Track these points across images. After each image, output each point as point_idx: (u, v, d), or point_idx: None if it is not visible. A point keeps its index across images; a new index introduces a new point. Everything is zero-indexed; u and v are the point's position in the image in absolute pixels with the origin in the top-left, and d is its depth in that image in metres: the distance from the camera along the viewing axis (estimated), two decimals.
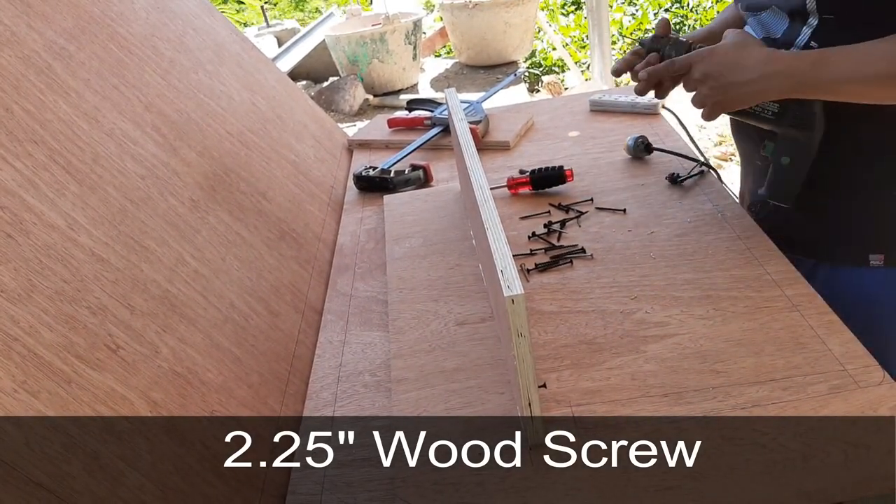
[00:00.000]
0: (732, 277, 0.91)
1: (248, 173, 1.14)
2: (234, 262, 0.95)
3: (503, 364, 0.84)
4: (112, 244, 0.77)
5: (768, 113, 0.92)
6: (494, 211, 0.76)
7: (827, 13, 0.86)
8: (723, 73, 0.86)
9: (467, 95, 3.03)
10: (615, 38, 5.11)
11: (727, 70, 0.86)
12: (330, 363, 0.93)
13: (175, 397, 0.71)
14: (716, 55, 0.87)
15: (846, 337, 0.78)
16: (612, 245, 1.03)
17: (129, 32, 1.07)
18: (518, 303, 0.61)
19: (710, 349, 0.80)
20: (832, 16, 0.86)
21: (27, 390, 0.57)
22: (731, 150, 3.42)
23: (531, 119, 1.54)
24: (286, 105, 1.47)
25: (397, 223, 1.21)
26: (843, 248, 0.98)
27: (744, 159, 1.14)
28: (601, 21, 3.84)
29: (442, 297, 0.99)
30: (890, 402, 0.69)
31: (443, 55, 5.32)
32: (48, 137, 0.77)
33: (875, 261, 0.97)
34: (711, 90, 0.87)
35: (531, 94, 4.48)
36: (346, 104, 4.10)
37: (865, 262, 0.97)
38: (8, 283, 0.62)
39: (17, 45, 0.82)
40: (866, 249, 0.97)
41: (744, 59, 0.85)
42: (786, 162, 0.94)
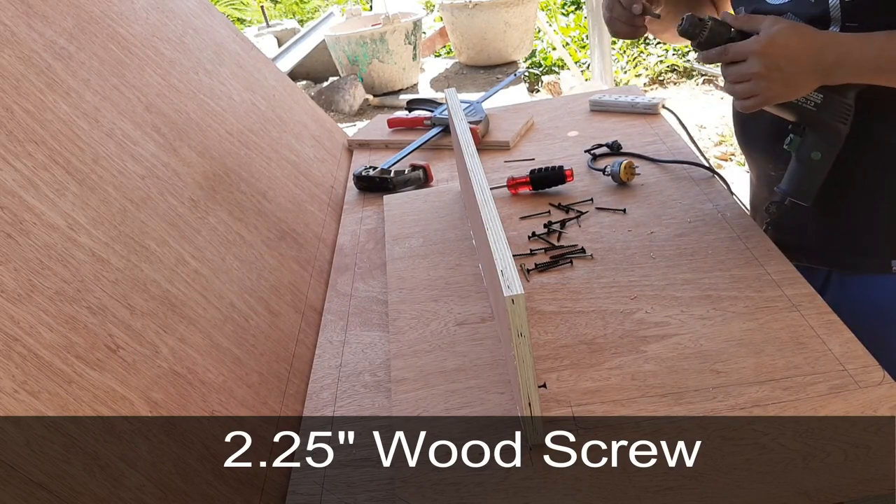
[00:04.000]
0: (732, 277, 0.91)
1: (248, 173, 1.14)
2: (234, 262, 0.95)
3: (503, 364, 0.84)
4: (112, 244, 0.77)
5: (811, 104, 0.87)
6: (494, 211, 0.76)
7: (851, 21, 0.85)
8: (782, 66, 0.81)
9: (467, 95, 3.03)
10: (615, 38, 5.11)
11: (788, 63, 0.81)
12: (330, 363, 0.93)
13: (175, 397, 0.71)
14: (775, 46, 0.81)
15: (846, 337, 0.78)
16: (612, 245, 1.03)
17: (129, 32, 1.07)
18: (518, 303, 0.61)
19: (710, 349, 0.80)
20: (856, 24, 0.85)
21: (27, 390, 0.57)
22: (731, 150, 3.43)
23: (531, 119, 1.54)
24: (286, 105, 1.47)
25: (397, 223, 1.21)
26: (864, 254, 0.97)
27: (756, 169, 1.11)
28: (601, 21, 3.83)
29: (442, 297, 0.99)
30: (890, 402, 0.69)
31: (443, 55, 5.32)
32: (48, 137, 0.77)
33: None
34: (770, 83, 0.83)
35: (531, 94, 4.48)
36: (346, 104, 4.10)
37: (888, 268, 0.95)
38: (8, 283, 0.62)
39: (17, 45, 0.82)
40: (889, 256, 0.95)
41: (804, 50, 0.81)
42: (817, 157, 0.90)
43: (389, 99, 4.24)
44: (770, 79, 0.82)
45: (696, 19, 0.88)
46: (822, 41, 0.82)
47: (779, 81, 0.83)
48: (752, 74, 0.83)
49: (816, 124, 0.89)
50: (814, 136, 0.90)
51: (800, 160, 0.92)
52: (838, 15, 0.85)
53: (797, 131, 0.91)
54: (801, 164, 0.92)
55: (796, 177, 0.93)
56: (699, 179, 1.16)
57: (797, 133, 0.91)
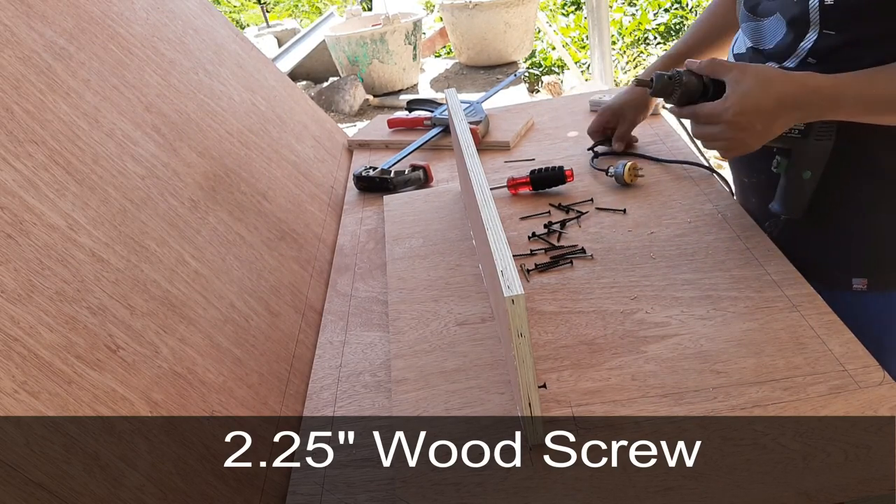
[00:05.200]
0: (732, 277, 0.91)
1: (249, 174, 1.14)
2: (234, 263, 0.95)
3: (503, 364, 0.84)
4: (112, 244, 0.77)
5: (794, 132, 0.88)
6: (494, 211, 0.76)
7: (829, 29, 0.84)
8: (754, 124, 0.81)
9: (467, 96, 3.03)
10: (615, 38, 5.12)
11: (760, 120, 0.81)
12: (330, 363, 0.93)
13: (175, 397, 0.71)
14: (745, 111, 0.80)
15: (846, 337, 0.78)
16: (612, 245, 1.03)
17: (129, 33, 1.07)
18: (518, 303, 0.61)
19: (711, 349, 0.80)
20: (833, 32, 0.84)
21: (27, 391, 0.57)
22: None
23: (531, 119, 1.54)
24: (286, 105, 1.47)
25: (397, 223, 1.21)
26: (827, 269, 0.96)
27: (733, 175, 1.12)
28: (601, 21, 3.84)
29: (442, 297, 0.99)
30: (890, 402, 0.69)
31: (443, 55, 5.32)
32: (48, 138, 0.77)
33: (858, 285, 0.95)
34: (744, 139, 0.83)
35: (531, 94, 4.48)
36: (346, 104, 4.10)
37: (848, 286, 0.96)
38: (8, 283, 0.62)
39: (17, 45, 0.82)
40: (850, 273, 0.95)
41: (775, 106, 0.81)
42: (807, 176, 0.90)
43: (389, 99, 4.24)
44: (743, 136, 0.82)
45: (666, 77, 0.86)
46: (794, 90, 0.81)
47: (753, 135, 0.82)
48: (725, 139, 0.83)
49: (803, 147, 0.90)
50: (801, 158, 0.90)
51: (789, 179, 0.93)
52: (817, 19, 0.85)
53: (783, 154, 0.92)
54: (792, 184, 0.93)
55: (789, 197, 0.94)
56: (699, 179, 1.16)
57: (783, 155, 0.92)
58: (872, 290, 0.95)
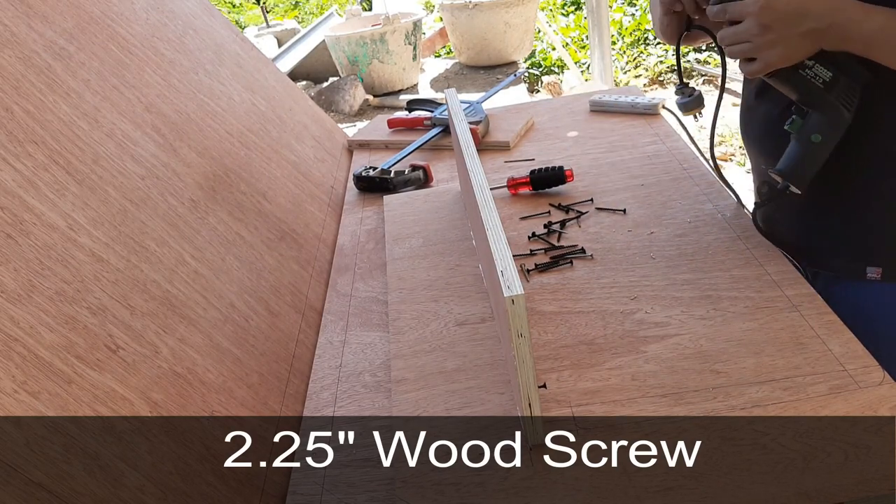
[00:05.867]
0: (732, 277, 0.91)
1: (248, 174, 1.14)
2: (234, 263, 0.95)
3: (503, 364, 0.84)
4: (112, 244, 0.77)
5: (819, 80, 0.85)
6: (494, 211, 0.76)
7: None
8: (775, 27, 0.79)
9: (467, 96, 3.03)
10: (615, 38, 5.11)
11: (781, 25, 0.79)
12: (330, 363, 0.93)
13: (175, 397, 0.71)
14: (771, 7, 0.79)
15: (846, 337, 0.78)
16: (612, 245, 1.03)
17: (129, 33, 1.07)
18: (518, 303, 0.61)
19: (710, 349, 0.80)
20: None
21: (27, 391, 0.57)
22: (732, 150, 3.42)
23: (531, 119, 1.54)
24: (286, 105, 1.47)
25: (397, 223, 1.21)
26: (841, 258, 0.96)
27: (752, 162, 1.10)
28: (601, 21, 3.84)
29: (442, 297, 0.99)
30: (890, 402, 0.69)
31: (443, 55, 5.32)
32: (48, 138, 0.77)
33: (872, 274, 0.94)
34: (764, 44, 0.80)
35: (531, 95, 4.48)
36: (346, 104, 4.10)
37: (862, 275, 0.94)
38: (8, 283, 0.62)
39: (17, 45, 0.82)
40: (864, 262, 0.94)
41: (799, 13, 0.79)
42: (817, 140, 0.88)
43: (389, 99, 4.24)
44: (764, 40, 0.81)
45: None
46: (821, 5, 0.80)
47: (773, 43, 0.81)
48: (747, 35, 0.81)
49: (821, 104, 0.87)
50: (816, 118, 0.88)
51: (799, 141, 0.90)
52: None
53: (800, 112, 0.89)
54: (800, 146, 0.90)
55: (793, 158, 0.91)
56: (699, 179, 1.16)
57: (799, 114, 0.89)
58: (887, 280, 0.94)
